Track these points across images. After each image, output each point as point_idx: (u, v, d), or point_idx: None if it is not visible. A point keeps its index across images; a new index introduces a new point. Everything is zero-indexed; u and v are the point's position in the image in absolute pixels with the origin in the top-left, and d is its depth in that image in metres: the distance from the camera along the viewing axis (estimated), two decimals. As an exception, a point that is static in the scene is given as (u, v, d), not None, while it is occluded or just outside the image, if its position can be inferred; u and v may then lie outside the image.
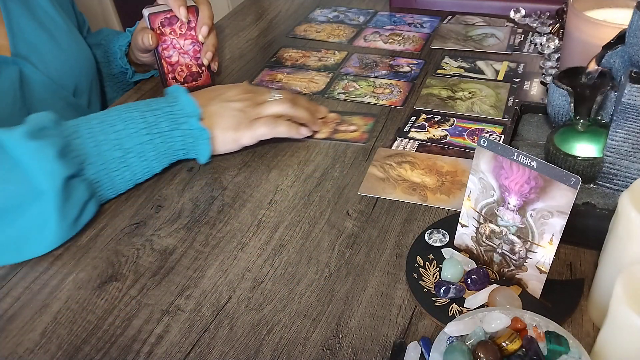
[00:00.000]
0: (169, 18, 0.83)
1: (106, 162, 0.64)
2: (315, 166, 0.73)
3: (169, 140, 0.68)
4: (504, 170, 0.51)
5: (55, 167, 0.59)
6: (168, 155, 0.70)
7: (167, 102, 0.69)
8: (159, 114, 0.68)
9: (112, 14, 2.29)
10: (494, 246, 0.55)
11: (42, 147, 0.59)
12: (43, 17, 0.86)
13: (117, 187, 0.67)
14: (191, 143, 0.70)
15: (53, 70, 0.85)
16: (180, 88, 0.71)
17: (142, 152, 0.67)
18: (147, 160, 0.68)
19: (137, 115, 0.67)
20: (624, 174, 0.59)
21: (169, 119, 0.68)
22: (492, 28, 1.04)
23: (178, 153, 0.70)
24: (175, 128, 0.68)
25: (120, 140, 0.65)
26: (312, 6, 1.19)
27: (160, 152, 0.68)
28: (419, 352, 0.49)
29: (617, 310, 0.42)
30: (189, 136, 0.69)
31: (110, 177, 0.65)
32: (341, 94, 0.88)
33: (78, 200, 0.62)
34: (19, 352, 0.53)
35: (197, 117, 0.69)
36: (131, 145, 0.66)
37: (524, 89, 0.86)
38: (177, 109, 0.69)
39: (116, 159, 0.65)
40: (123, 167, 0.66)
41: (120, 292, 0.58)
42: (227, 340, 0.53)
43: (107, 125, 0.65)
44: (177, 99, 0.70)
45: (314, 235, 0.63)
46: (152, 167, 0.69)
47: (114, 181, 0.66)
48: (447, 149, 0.74)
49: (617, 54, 0.61)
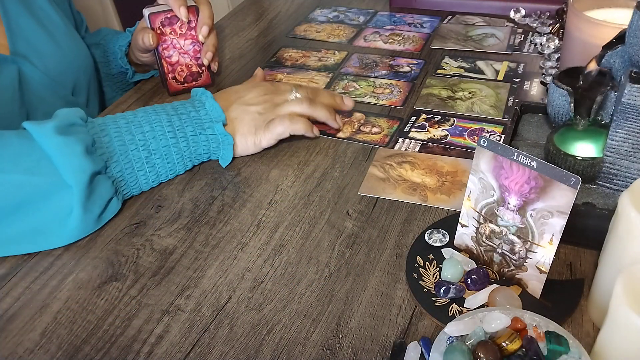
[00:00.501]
0: (169, 18, 0.83)
1: (131, 161, 0.66)
2: (315, 166, 0.73)
3: (193, 144, 0.70)
4: (504, 170, 0.51)
5: (82, 162, 0.60)
6: (191, 159, 0.71)
7: (194, 107, 0.71)
8: (185, 119, 0.69)
9: (112, 14, 2.29)
10: (494, 246, 0.55)
11: (70, 142, 0.60)
12: (41, 15, 0.86)
13: (141, 186, 0.69)
14: (215, 147, 0.72)
15: (52, 68, 0.85)
16: (206, 92, 0.72)
17: (167, 154, 0.68)
18: (171, 162, 0.69)
19: (164, 118, 0.68)
20: (624, 174, 0.59)
21: (194, 124, 0.69)
22: (492, 28, 1.04)
23: (202, 157, 0.72)
24: (200, 132, 0.70)
25: (147, 142, 0.66)
26: (312, 6, 1.19)
27: (184, 155, 0.70)
28: (419, 352, 0.49)
29: (617, 310, 0.42)
30: (213, 141, 0.71)
31: (135, 175, 0.67)
32: (341, 94, 0.88)
33: (102, 196, 0.63)
34: (19, 352, 0.53)
35: (221, 123, 0.71)
36: (156, 147, 0.67)
37: (524, 89, 0.86)
38: (202, 113, 0.70)
39: (141, 159, 0.66)
40: (148, 167, 0.67)
41: (120, 292, 0.58)
42: (227, 340, 0.53)
43: (134, 126, 0.67)
44: (203, 103, 0.71)
45: (314, 235, 0.63)
46: (176, 169, 0.70)
47: (138, 180, 0.67)
48: (449, 149, 0.74)
49: (617, 54, 0.61)
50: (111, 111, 0.87)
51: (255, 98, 0.75)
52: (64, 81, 0.87)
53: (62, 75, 0.86)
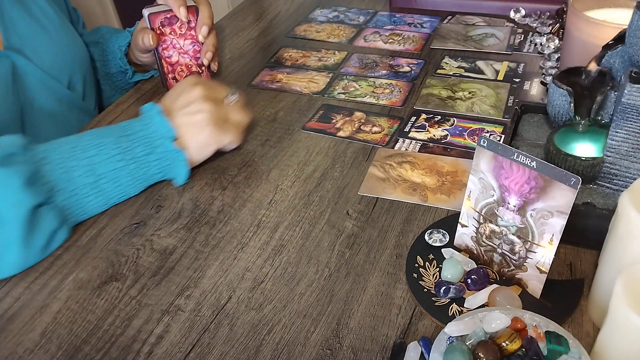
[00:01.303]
0: (169, 18, 0.83)
1: (77, 188, 0.63)
2: (315, 166, 0.73)
3: (145, 165, 0.67)
4: (504, 170, 0.51)
5: (20, 196, 0.57)
6: (144, 180, 0.68)
7: (143, 125, 0.68)
8: (134, 139, 0.66)
9: (112, 14, 2.29)
10: (494, 246, 0.55)
11: (7, 175, 0.58)
12: (35, 9, 0.86)
13: (90, 212, 0.66)
14: (168, 166, 0.69)
15: (46, 62, 0.84)
16: (154, 107, 0.69)
17: (116, 178, 0.65)
18: (121, 186, 0.66)
19: (110, 140, 0.65)
20: (624, 174, 0.59)
21: (143, 144, 0.66)
22: (492, 28, 1.04)
23: (155, 177, 0.69)
24: (150, 152, 0.67)
25: (93, 166, 0.63)
26: (312, 6, 1.19)
27: (136, 177, 0.67)
28: (419, 352, 0.49)
29: (617, 310, 0.42)
30: (165, 159, 0.68)
31: (82, 202, 0.64)
32: (341, 94, 0.88)
33: (45, 229, 0.60)
34: (19, 352, 0.53)
35: (171, 139, 0.67)
36: (104, 171, 0.64)
37: (524, 89, 0.86)
38: (151, 131, 0.67)
39: (88, 184, 0.64)
40: (95, 192, 0.64)
41: (120, 292, 0.58)
42: (227, 340, 0.53)
43: (79, 151, 0.64)
44: (151, 119, 0.68)
45: (314, 235, 0.63)
46: (128, 191, 0.67)
47: (86, 206, 0.65)
48: (449, 149, 0.74)
49: (617, 54, 0.61)
50: (111, 111, 0.87)
51: (193, 97, 0.70)
52: (58, 75, 0.86)
53: (56, 69, 0.86)
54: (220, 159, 0.75)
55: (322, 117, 0.82)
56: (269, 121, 0.83)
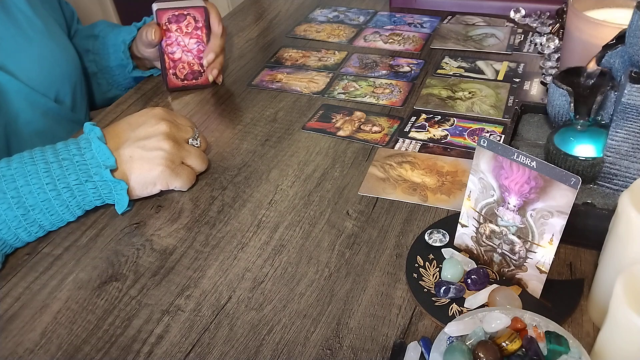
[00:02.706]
0: (177, 16, 0.83)
1: (6, 221, 0.60)
2: (315, 166, 0.73)
3: (79, 193, 0.63)
4: (504, 170, 0.51)
5: None
6: (81, 207, 0.64)
7: (79, 149, 0.63)
8: (67, 165, 0.62)
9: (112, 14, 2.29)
10: (494, 246, 0.55)
11: None
12: (22, 19, 0.83)
13: (24, 240, 0.63)
14: (107, 194, 0.64)
15: (32, 77, 0.82)
16: (94, 129, 0.64)
17: (49, 208, 0.61)
18: (55, 214, 0.62)
19: (41, 167, 0.61)
20: (624, 174, 0.59)
21: (78, 171, 0.62)
22: (492, 28, 1.04)
23: (93, 203, 0.65)
24: (85, 180, 0.62)
25: (21, 198, 0.60)
26: (312, 6, 1.19)
27: (70, 205, 0.63)
28: (419, 352, 0.49)
29: (617, 310, 0.42)
30: (103, 187, 0.64)
31: (13, 233, 0.61)
32: (341, 94, 0.88)
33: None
34: (19, 352, 0.53)
35: (110, 168, 0.63)
36: (34, 203, 0.60)
37: (524, 89, 0.86)
38: (88, 157, 0.63)
39: (17, 217, 0.60)
40: (27, 223, 0.61)
41: (120, 292, 0.58)
42: (227, 340, 0.53)
43: (5, 181, 0.60)
44: (89, 144, 0.63)
45: (314, 235, 0.63)
46: (64, 218, 0.64)
47: (19, 237, 0.61)
48: (449, 149, 0.74)
49: (617, 54, 0.61)
50: (111, 111, 0.87)
51: (155, 132, 0.66)
52: (44, 89, 0.84)
53: (42, 83, 0.83)
54: (220, 159, 0.75)
55: (322, 117, 0.82)
56: (269, 121, 0.83)
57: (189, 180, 0.70)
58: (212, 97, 0.89)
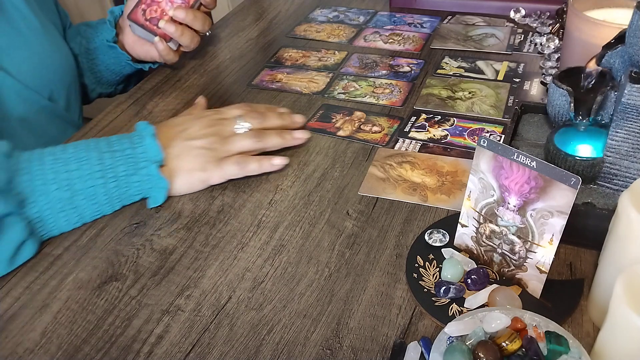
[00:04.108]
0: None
1: (51, 202, 0.61)
2: (315, 166, 0.73)
3: (124, 185, 0.64)
4: (504, 170, 0.51)
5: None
6: (121, 200, 0.66)
7: (131, 143, 0.65)
8: (119, 157, 0.64)
9: (112, 14, 2.28)
10: (494, 246, 0.55)
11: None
12: (17, 17, 0.83)
13: (61, 227, 0.63)
14: (148, 189, 0.66)
15: (26, 74, 0.82)
16: (148, 127, 0.67)
17: (93, 195, 0.63)
18: (97, 204, 0.64)
19: (94, 155, 0.63)
20: (624, 174, 0.59)
21: (128, 163, 0.64)
22: (492, 28, 1.04)
23: (133, 198, 0.67)
24: (133, 173, 0.64)
25: (71, 181, 0.61)
26: (312, 6, 1.19)
27: (114, 197, 0.65)
28: (419, 352, 0.49)
29: (617, 310, 0.42)
30: (147, 182, 0.65)
31: (55, 217, 0.62)
32: (341, 94, 0.88)
33: (12, 240, 0.59)
34: (19, 352, 0.53)
35: (158, 164, 0.65)
36: (82, 188, 0.62)
37: (524, 89, 0.86)
38: (139, 151, 0.65)
39: (63, 199, 0.61)
40: (70, 208, 0.62)
41: (120, 292, 0.58)
42: (227, 340, 0.53)
43: (60, 164, 0.62)
44: (142, 139, 0.66)
45: (314, 235, 0.63)
46: (103, 210, 0.65)
47: (58, 222, 0.63)
48: (449, 149, 0.74)
49: (617, 54, 0.61)
50: (111, 111, 0.87)
51: (200, 131, 0.69)
52: (38, 87, 0.84)
53: (36, 81, 0.83)
54: (220, 159, 0.75)
55: (322, 117, 0.82)
56: (269, 121, 0.82)
57: (240, 167, 0.69)
58: (213, 97, 0.89)
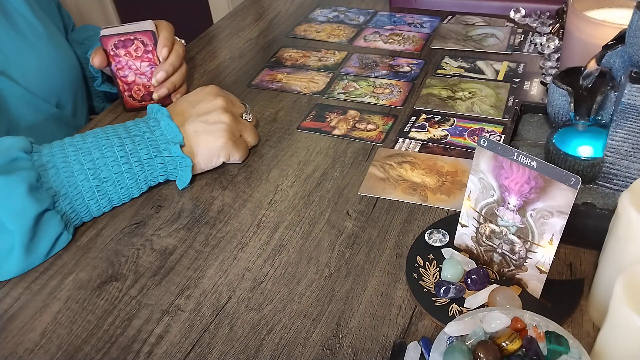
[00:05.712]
0: (123, 41, 0.81)
1: (81, 192, 0.63)
2: (315, 166, 0.73)
3: (148, 168, 0.66)
4: (504, 170, 0.51)
5: (24, 204, 0.57)
6: (147, 182, 0.68)
7: (148, 127, 0.67)
8: (139, 141, 0.66)
9: (112, 14, 2.30)
10: (494, 246, 0.55)
11: (11, 182, 0.57)
12: (22, 24, 0.83)
13: (93, 213, 0.66)
14: (172, 170, 0.68)
15: (33, 82, 0.82)
16: (162, 109, 0.68)
17: (120, 181, 0.65)
18: (124, 188, 0.66)
19: (115, 142, 0.65)
20: (624, 174, 0.59)
21: (149, 146, 0.66)
22: (492, 28, 1.04)
23: (158, 179, 0.69)
24: (155, 155, 0.66)
25: (97, 170, 0.63)
26: (312, 6, 1.19)
27: (139, 179, 0.67)
28: (419, 352, 0.49)
29: (617, 310, 0.42)
30: (170, 163, 0.67)
31: (86, 205, 0.64)
32: (341, 94, 0.88)
33: (49, 235, 0.60)
34: (19, 352, 0.53)
35: (179, 144, 0.67)
36: (108, 174, 0.64)
37: (524, 89, 0.86)
38: (158, 134, 0.67)
39: (92, 188, 0.63)
40: (99, 195, 0.64)
41: (120, 292, 0.58)
42: (227, 340, 0.53)
43: (83, 154, 0.63)
44: (158, 122, 0.67)
45: (314, 235, 0.63)
46: (130, 193, 0.67)
47: (90, 209, 0.65)
48: (449, 149, 0.74)
49: (617, 54, 0.61)
50: (112, 110, 0.87)
51: (214, 107, 0.71)
52: (46, 94, 0.84)
53: (43, 88, 0.83)
54: (220, 159, 0.75)
55: (317, 116, 0.83)
56: (269, 121, 0.83)
57: (245, 153, 0.74)
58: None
